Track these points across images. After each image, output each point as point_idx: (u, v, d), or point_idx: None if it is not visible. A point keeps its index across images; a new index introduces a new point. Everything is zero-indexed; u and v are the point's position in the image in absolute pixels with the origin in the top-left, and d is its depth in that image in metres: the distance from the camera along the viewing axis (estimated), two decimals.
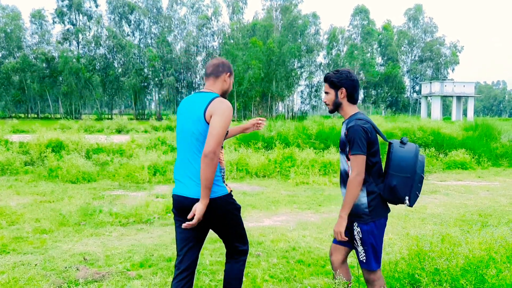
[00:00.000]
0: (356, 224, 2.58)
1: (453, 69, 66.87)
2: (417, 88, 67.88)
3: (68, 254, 4.31)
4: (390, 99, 66.69)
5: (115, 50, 59.42)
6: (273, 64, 54.51)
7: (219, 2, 63.02)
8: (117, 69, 60.55)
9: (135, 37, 63.76)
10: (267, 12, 59.66)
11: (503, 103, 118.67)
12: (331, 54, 63.70)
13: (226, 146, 11.62)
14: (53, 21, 59.53)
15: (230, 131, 2.90)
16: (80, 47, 60.23)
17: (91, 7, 60.53)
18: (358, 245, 2.60)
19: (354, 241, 2.63)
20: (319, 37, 62.71)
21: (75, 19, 59.85)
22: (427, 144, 12.82)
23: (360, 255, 2.60)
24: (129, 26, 63.14)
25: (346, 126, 2.58)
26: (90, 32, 60.80)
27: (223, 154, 3.35)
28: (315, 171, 9.50)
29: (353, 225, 2.60)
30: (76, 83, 54.95)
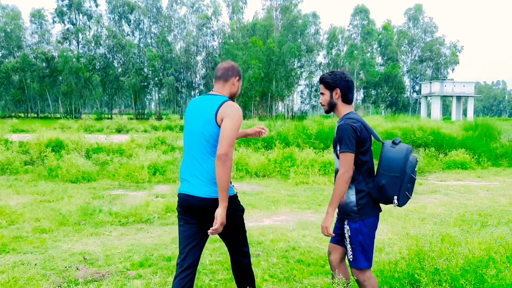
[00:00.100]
0: (346, 222, 2.62)
1: (453, 69, 66.85)
2: (417, 88, 67.86)
3: (68, 253, 4.31)
4: (390, 99, 66.71)
5: (115, 49, 59.45)
6: (273, 63, 54.53)
7: (219, 1, 62.95)
8: (117, 68, 60.55)
9: (135, 36, 63.75)
10: (267, 11, 59.65)
11: (503, 103, 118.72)
12: (331, 54, 63.68)
13: None
14: (53, 21, 59.53)
15: None
16: (80, 46, 60.23)
17: (91, 7, 60.54)
18: (347, 243, 2.62)
19: (344, 239, 2.66)
20: (319, 37, 62.70)
21: (75, 18, 59.85)
22: (427, 144, 12.82)
23: (348, 253, 2.63)
24: (129, 25, 63.15)
25: (337, 125, 2.63)
26: (90, 31, 60.82)
27: None
28: (315, 171, 9.50)
29: (344, 224, 2.64)
30: (76, 82, 54.97)
